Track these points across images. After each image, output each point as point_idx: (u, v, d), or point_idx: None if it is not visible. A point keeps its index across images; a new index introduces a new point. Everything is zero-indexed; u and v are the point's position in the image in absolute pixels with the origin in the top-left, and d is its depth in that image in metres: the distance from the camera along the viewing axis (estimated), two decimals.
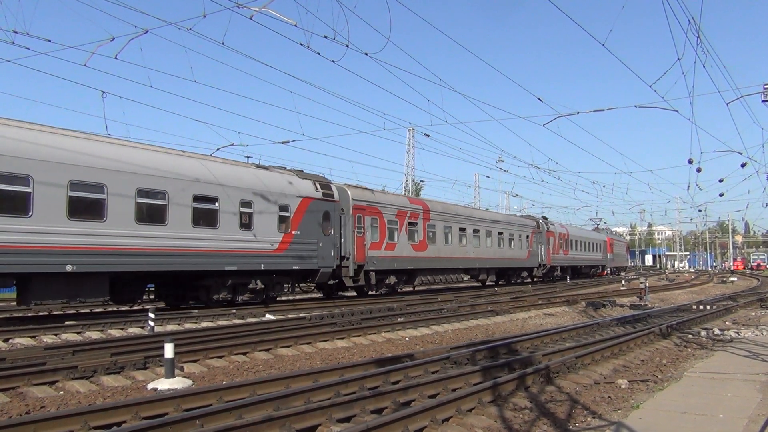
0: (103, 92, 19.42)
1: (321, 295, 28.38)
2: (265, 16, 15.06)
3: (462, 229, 35.60)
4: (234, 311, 19.56)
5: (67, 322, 16.36)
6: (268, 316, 19.23)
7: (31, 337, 14.43)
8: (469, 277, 38.82)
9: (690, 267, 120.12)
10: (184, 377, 10.03)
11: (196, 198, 19.59)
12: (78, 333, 15.16)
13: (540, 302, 25.65)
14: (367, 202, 27.69)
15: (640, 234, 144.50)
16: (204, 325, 17.31)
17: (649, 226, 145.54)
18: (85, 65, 17.47)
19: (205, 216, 19.98)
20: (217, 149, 25.08)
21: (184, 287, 21.10)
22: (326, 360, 12.26)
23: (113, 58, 16.92)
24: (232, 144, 28.56)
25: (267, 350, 12.86)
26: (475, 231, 37.35)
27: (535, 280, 47.30)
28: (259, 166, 23.61)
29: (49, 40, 16.55)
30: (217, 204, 20.31)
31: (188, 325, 17.14)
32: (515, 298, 27.63)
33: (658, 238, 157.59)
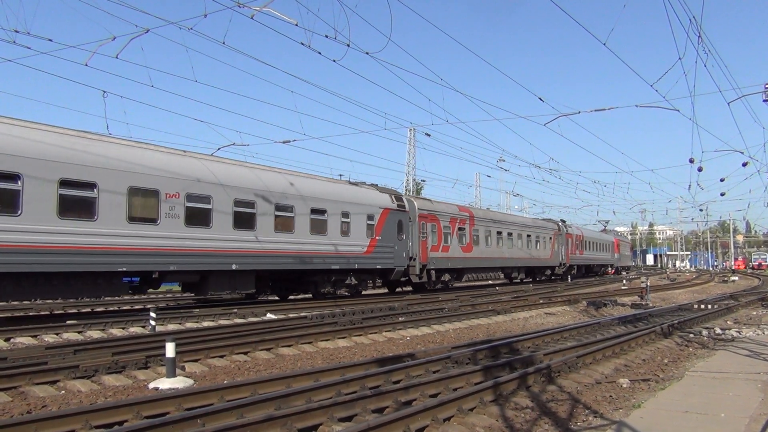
0: (105, 92, 19.38)
1: (386, 291, 32.84)
2: (266, 16, 15.07)
3: (499, 233, 40.42)
4: (235, 311, 19.57)
5: (68, 322, 16.38)
6: (269, 316, 19.23)
7: (32, 336, 14.43)
8: (503, 275, 43.22)
9: (691, 266, 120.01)
10: (186, 377, 10.04)
11: (313, 210, 24.39)
12: (79, 332, 15.16)
13: (541, 302, 25.64)
14: (428, 211, 32.05)
15: (641, 233, 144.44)
16: (205, 324, 17.32)
17: (651, 225, 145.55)
18: (86, 65, 17.46)
19: (318, 225, 24.56)
20: (218, 149, 25.18)
21: (297, 282, 25.38)
22: (327, 359, 12.26)
23: (114, 58, 16.93)
24: (233, 143, 28.53)
25: (268, 350, 12.86)
26: (509, 234, 41.84)
27: (553, 277, 50.38)
28: (351, 183, 28.83)
29: (51, 40, 16.55)
30: (326, 215, 24.93)
31: (189, 325, 17.15)
32: (516, 298, 27.62)
33: (660, 238, 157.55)
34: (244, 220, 21.40)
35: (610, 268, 68.55)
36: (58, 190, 16.19)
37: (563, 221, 54.48)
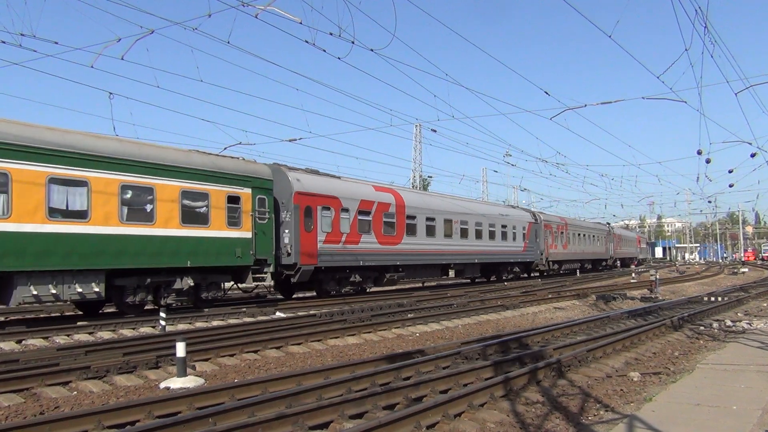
0: (111, 93, 19.44)
1: (526, 275, 45.28)
2: (270, 14, 15.07)
3: (592, 236, 56.11)
4: (244, 309, 19.63)
5: (79, 323, 16.43)
6: (279, 314, 19.28)
7: (43, 338, 14.50)
8: (580, 266, 54.84)
9: (700, 259, 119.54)
10: (196, 376, 10.07)
11: (492, 225, 37.68)
12: (90, 333, 15.23)
13: (550, 296, 25.60)
14: (548, 222, 46.62)
15: (649, 226, 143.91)
16: (215, 323, 17.37)
17: (659, 218, 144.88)
18: (92, 66, 17.53)
19: (500, 235, 38.67)
20: (225, 148, 25.22)
21: (490, 272, 40.25)
22: (337, 357, 12.27)
23: (120, 59, 16.98)
24: (239, 143, 28.53)
25: (278, 348, 12.89)
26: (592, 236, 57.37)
27: (601, 268, 62.88)
28: (511, 206, 47.57)
29: (56, 42, 16.63)
30: (504, 227, 39.04)
31: (199, 324, 17.20)
32: (525, 293, 27.59)
33: (668, 230, 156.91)
34: (464, 233, 34.33)
35: (635, 261, 78.69)
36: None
37: (608, 223, 66.44)
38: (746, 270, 58.32)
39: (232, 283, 22.13)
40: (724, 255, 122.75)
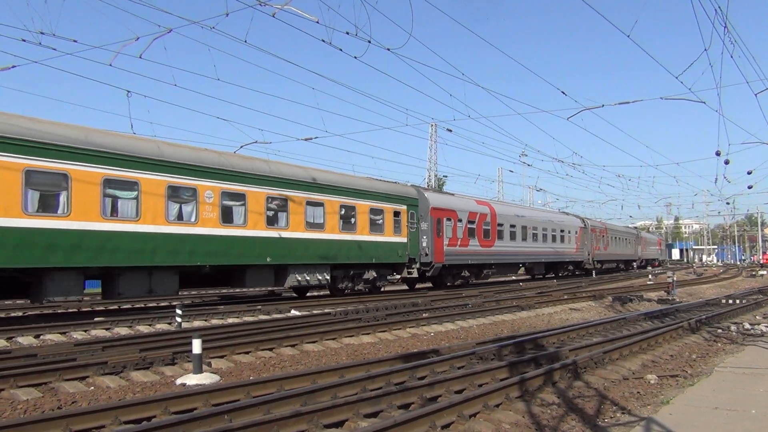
0: (129, 91, 19.64)
1: (579, 273, 51.67)
2: (287, 14, 15.12)
3: (625, 239, 63.82)
4: (259, 307, 19.71)
5: (96, 319, 16.60)
6: (294, 312, 19.33)
7: (61, 333, 14.65)
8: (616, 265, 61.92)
9: (718, 261, 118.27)
10: (212, 373, 10.12)
11: (553, 230, 44.23)
12: (107, 329, 15.37)
13: (566, 297, 25.47)
14: (593, 226, 53.27)
15: (666, 228, 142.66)
16: (230, 321, 17.45)
17: (676, 219, 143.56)
18: (110, 65, 17.67)
19: (561, 238, 45.74)
20: (241, 147, 25.43)
21: (551, 269, 47.03)
22: (352, 355, 12.28)
23: (138, 58, 17.12)
24: (255, 141, 28.72)
25: (293, 346, 12.92)
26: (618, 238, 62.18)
27: (630, 269, 68.50)
28: (563, 212, 52.98)
29: (75, 41, 16.77)
30: (562, 232, 45.76)
31: (215, 321, 17.30)
32: (541, 293, 27.46)
33: (685, 232, 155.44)
34: (535, 237, 41.15)
35: (656, 262, 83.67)
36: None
37: (637, 227, 75.79)
38: (765, 272, 57.57)
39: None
40: (742, 257, 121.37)
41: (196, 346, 9.63)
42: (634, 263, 70.19)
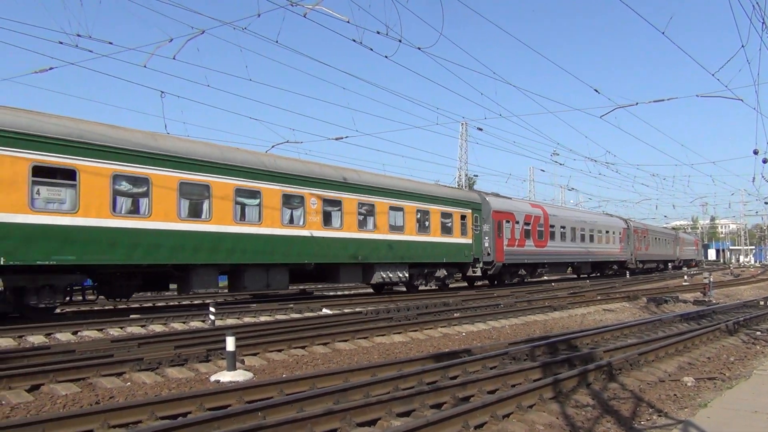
0: (162, 92, 20.14)
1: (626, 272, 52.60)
2: (319, 14, 15.20)
3: (664, 240, 65.89)
4: (291, 306, 19.84)
5: (131, 316, 16.87)
6: (325, 311, 19.42)
7: (98, 329, 14.91)
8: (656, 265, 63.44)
9: (756, 261, 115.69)
10: (245, 370, 10.21)
11: (599, 231, 46.21)
12: (142, 326, 15.60)
13: (599, 298, 25.16)
14: (635, 228, 55.11)
15: (702, 228, 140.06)
16: (262, 319, 17.60)
17: (712, 219, 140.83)
18: (144, 66, 17.97)
19: (606, 239, 47.67)
20: (272, 146, 25.73)
21: (597, 268, 49.63)
22: (383, 354, 12.29)
23: (171, 59, 17.36)
24: (286, 141, 29.00)
25: (325, 344, 12.98)
26: (656, 238, 63.83)
27: (665, 269, 69.06)
28: (607, 214, 53.61)
29: (111, 43, 17.08)
30: (607, 233, 47.82)
31: (247, 320, 17.45)
32: (573, 294, 27.17)
33: (722, 232, 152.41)
34: (582, 238, 43.40)
35: (693, 262, 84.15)
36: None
37: (676, 229, 75.82)
38: None
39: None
40: None
41: (230, 343, 9.73)
42: (670, 264, 70.69)
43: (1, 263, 14.38)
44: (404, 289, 29.14)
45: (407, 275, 26.69)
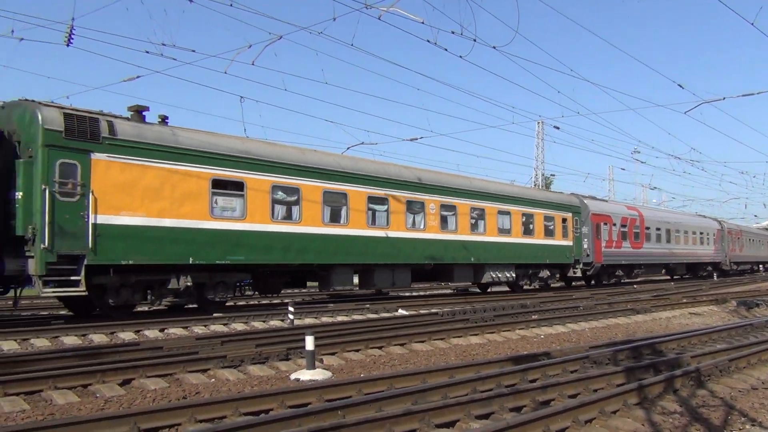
0: (242, 97, 20.91)
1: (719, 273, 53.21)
2: (393, 15, 15.29)
3: (758, 241, 65.13)
4: (368, 306, 20.02)
5: (214, 314, 17.43)
6: (401, 311, 19.48)
7: (183, 327, 15.48)
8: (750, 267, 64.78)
9: None
10: (324, 369, 10.35)
11: (693, 232, 47.28)
12: (224, 325, 16.08)
13: (685, 301, 24.21)
14: (729, 229, 54.78)
15: None
16: (339, 319, 17.82)
17: None
18: (225, 72, 18.53)
19: (700, 240, 48.28)
20: (348, 148, 26.01)
21: (691, 270, 49.41)
22: (460, 356, 12.21)
23: (250, 65, 17.88)
24: (362, 143, 29.32)
25: (402, 345, 13.01)
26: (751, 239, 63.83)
27: (756, 272, 68.87)
28: (700, 216, 53.47)
29: (193, 51, 17.71)
30: (701, 234, 48.32)
31: (324, 319, 17.72)
32: (657, 296, 26.24)
33: None
34: (677, 239, 44.31)
35: None
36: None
37: None
38: None
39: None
40: None
41: (309, 342, 9.89)
42: (761, 266, 70.50)
43: (189, 262, 16.87)
44: (507, 288, 31.14)
45: (514, 275, 28.44)
